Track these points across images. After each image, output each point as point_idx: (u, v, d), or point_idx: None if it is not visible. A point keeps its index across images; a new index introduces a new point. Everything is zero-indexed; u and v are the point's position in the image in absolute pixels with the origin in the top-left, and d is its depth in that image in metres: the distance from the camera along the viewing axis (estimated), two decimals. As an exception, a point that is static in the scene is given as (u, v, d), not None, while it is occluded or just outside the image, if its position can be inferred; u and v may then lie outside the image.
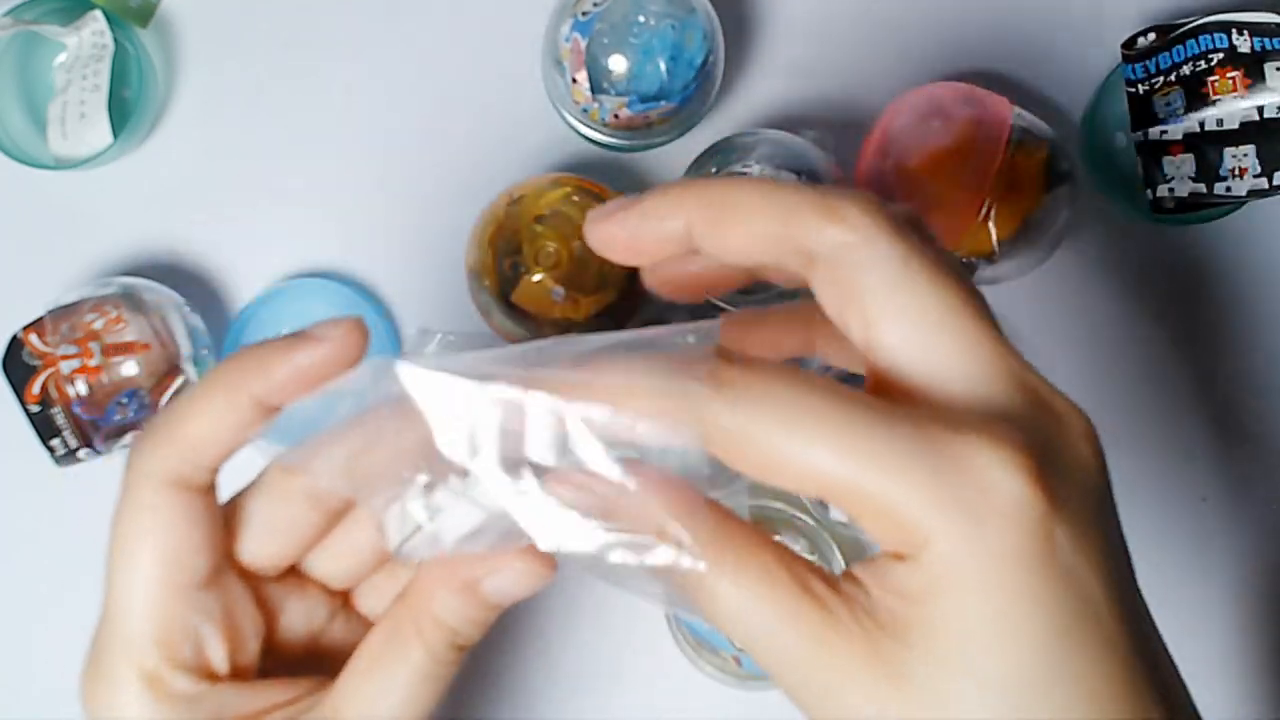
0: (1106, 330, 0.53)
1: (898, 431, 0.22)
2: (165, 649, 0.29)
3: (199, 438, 0.29)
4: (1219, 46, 0.46)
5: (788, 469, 0.23)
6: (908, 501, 0.22)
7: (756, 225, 0.25)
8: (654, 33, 0.48)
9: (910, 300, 0.24)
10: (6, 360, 0.48)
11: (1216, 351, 0.53)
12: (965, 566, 0.22)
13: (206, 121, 0.54)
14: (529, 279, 0.47)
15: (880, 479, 0.22)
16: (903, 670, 0.23)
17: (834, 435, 0.22)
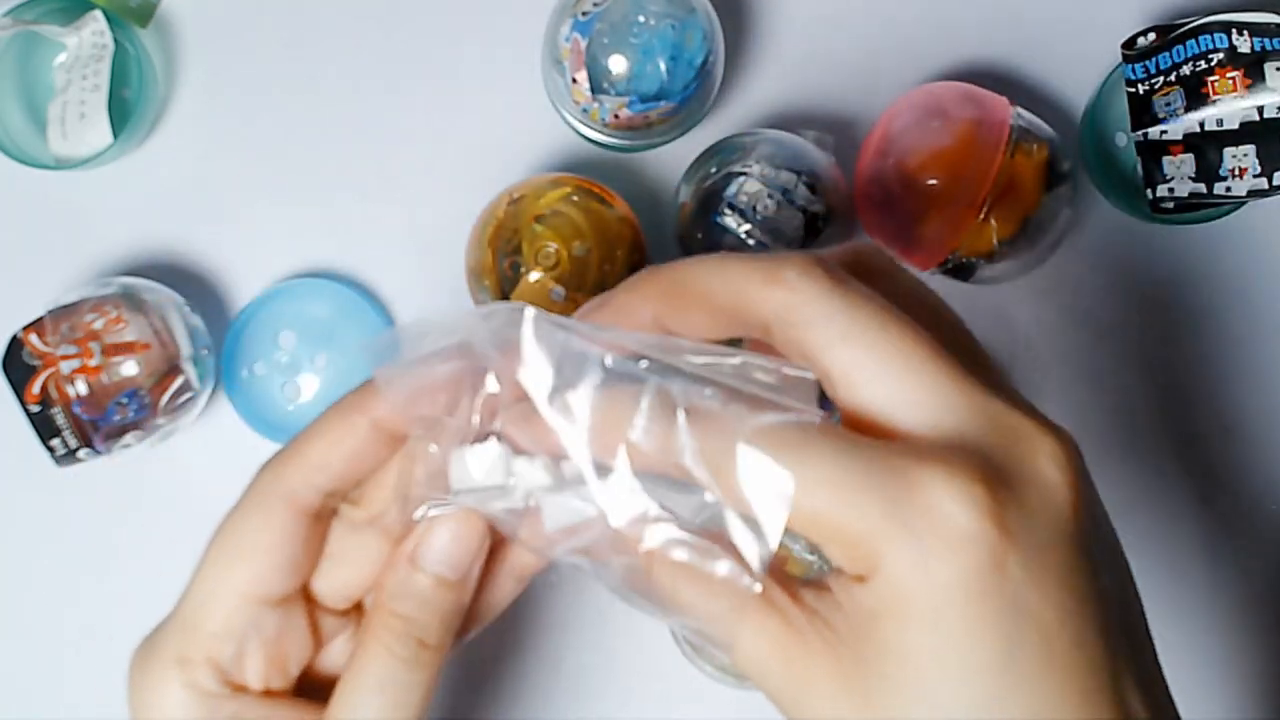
0: (1106, 330, 0.53)
1: (860, 463, 0.23)
2: (211, 646, 0.30)
3: (318, 460, 0.30)
4: (1219, 46, 0.46)
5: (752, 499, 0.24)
6: (862, 528, 0.23)
7: (712, 303, 0.27)
8: (654, 33, 0.48)
9: (859, 349, 0.25)
10: (6, 360, 0.48)
11: (1217, 351, 0.53)
12: (913, 594, 0.23)
13: (206, 121, 0.54)
14: (529, 279, 0.47)
15: (840, 508, 0.23)
16: (860, 683, 0.24)
17: (798, 469, 0.24)
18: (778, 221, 0.46)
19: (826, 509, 0.23)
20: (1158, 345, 0.53)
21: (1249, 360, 0.53)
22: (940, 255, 0.47)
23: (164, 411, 0.49)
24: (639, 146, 0.52)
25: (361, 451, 0.30)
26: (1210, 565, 0.53)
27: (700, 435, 0.25)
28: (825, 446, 0.24)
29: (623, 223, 0.49)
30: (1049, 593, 0.23)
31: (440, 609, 0.29)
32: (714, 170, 0.48)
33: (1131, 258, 0.54)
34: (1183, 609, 0.52)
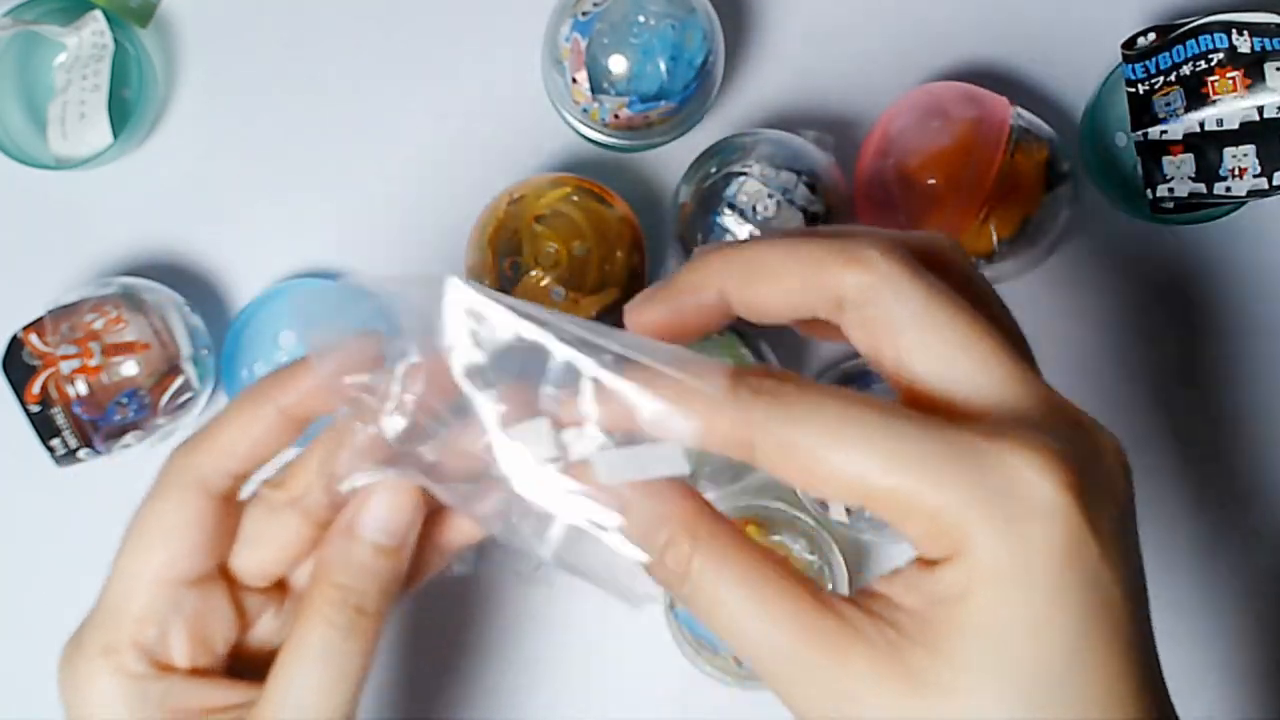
0: (1106, 330, 0.53)
1: (938, 440, 0.24)
2: (130, 629, 0.32)
3: (227, 446, 0.32)
4: (1219, 46, 0.46)
5: (832, 480, 0.25)
6: (950, 504, 0.24)
7: (785, 282, 0.27)
8: (654, 33, 0.48)
9: (934, 333, 0.26)
10: (6, 360, 0.48)
11: (1217, 351, 0.53)
12: (1003, 564, 0.23)
13: (206, 121, 0.54)
14: (529, 279, 0.47)
15: (923, 485, 0.24)
16: (925, 675, 0.24)
17: (879, 447, 0.24)
18: (778, 221, 0.46)
19: (912, 486, 0.24)
20: (1157, 345, 0.53)
21: (1249, 360, 0.53)
22: (940, 255, 0.47)
23: (164, 411, 0.49)
24: (639, 146, 0.52)
25: (268, 437, 0.32)
26: (1209, 564, 0.53)
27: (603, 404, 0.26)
28: (904, 424, 0.24)
29: (623, 223, 0.49)
30: (1117, 571, 0.24)
31: (379, 576, 0.30)
32: (714, 170, 0.48)
33: (1131, 258, 0.54)
34: (1181, 608, 0.52)
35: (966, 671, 0.23)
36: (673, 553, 0.26)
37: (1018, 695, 0.23)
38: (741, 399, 0.25)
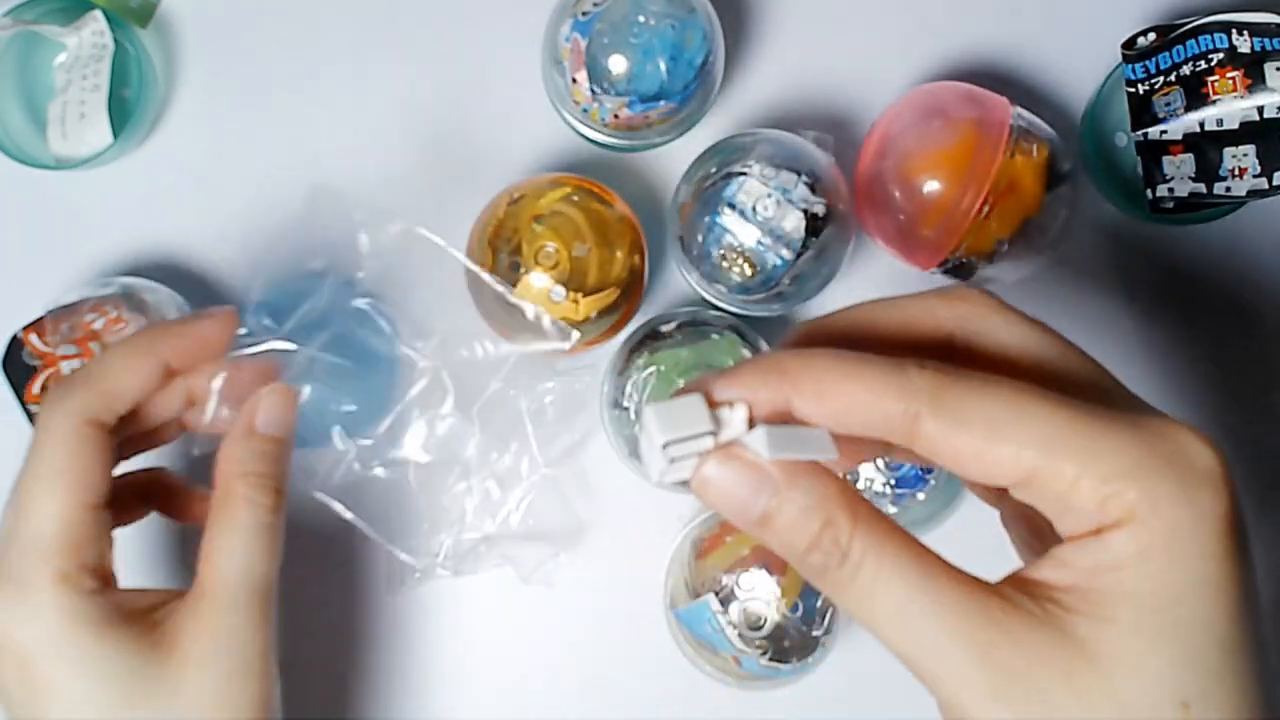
0: (1106, 330, 0.53)
1: (1106, 414, 0.25)
2: (75, 555, 0.36)
3: (115, 388, 0.37)
4: (1219, 46, 0.46)
5: (1005, 454, 0.25)
6: (1125, 469, 0.24)
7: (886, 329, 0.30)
8: (654, 33, 0.48)
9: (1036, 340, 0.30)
10: (6, 360, 0.48)
11: (1216, 351, 0.53)
12: (1180, 526, 0.24)
13: (206, 121, 0.54)
14: (529, 279, 0.47)
15: (1098, 453, 0.25)
16: (1096, 646, 0.24)
17: (1055, 419, 0.25)
18: (778, 221, 0.46)
19: (1087, 455, 0.25)
20: (1157, 345, 0.53)
21: (1249, 359, 0.53)
22: (940, 255, 0.47)
23: (164, 411, 0.49)
24: (639, 146, 0.52)
25: (149, 384, 0.38)
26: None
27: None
28: (1070, 401, 0.25)
29: (623, 223, 0.49)
30: (1249, 543, 0.26)
31: (280, 461, 0.38)
32: (714, 170, 0.48)
33: (1131, 258, 0.54)
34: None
35: (1138, 636, 0.24)
36: (831, 534, 0.25)
37: (1190, 660, 0.24)
38: (909, 373, 0.26)
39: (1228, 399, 0.53)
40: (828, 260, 0.48)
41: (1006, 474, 0.25)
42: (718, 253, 0.47)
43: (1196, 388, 0.53)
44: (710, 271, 0.48)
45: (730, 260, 0.47)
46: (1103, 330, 0.53)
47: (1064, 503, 0.25)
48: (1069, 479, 0.25)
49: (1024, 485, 0.25)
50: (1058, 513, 0.26)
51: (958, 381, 0.26)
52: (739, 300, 0.48)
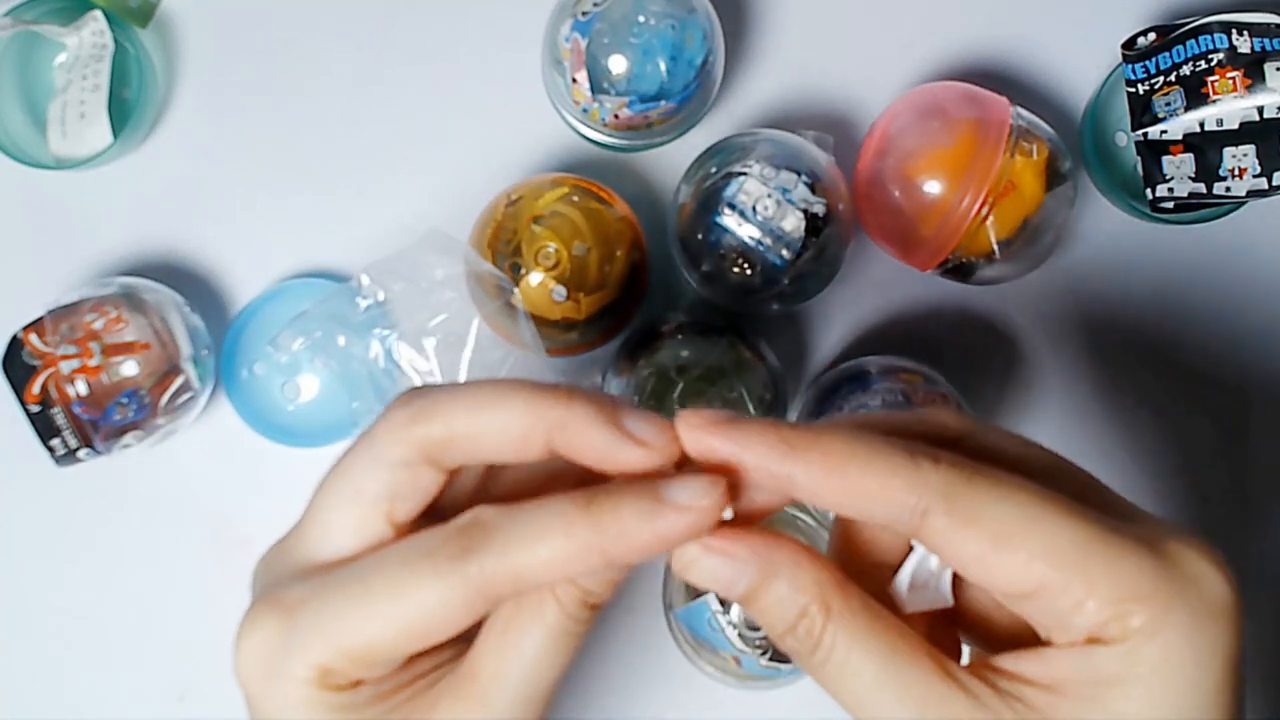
0: (1106, 330, 0.53)
1: (1121, 529, 0.25)
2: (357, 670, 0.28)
3: (529, 570, 0.26)
4: (1219, 46, 0.46)
5: (1012, 560, 0.25)
6: (1129, 589, 0.24)
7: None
8: (654, 33, 0.48)
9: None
10: (6, 360, 0.48)
11: (1216, 351, 0.53)
12: (1178, 656, 0.24)
13: (206, 121, 0.54)
14: (529, 279, 0.47)
15: (1108, 570, 0.24)
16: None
17: (1069, 529, 0.25)
18: (778, 221, 0.46)
19: (1098, 570, 0.24)
20: (1158, 345, 0.53)
21: (1249, 359, 0.53)
22: (940, 255, 0.47)
23: (164, 411, 0.49)
24: (639, 146, 0.52)
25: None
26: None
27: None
28: (1086, 512, 0.25)
29: (623, 223, 0.49)
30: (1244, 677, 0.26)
31: (616, 583, 0.28)
32: (714, 170, 0.48)
33: (1131, 258, 0.54)
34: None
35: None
36: (806, 624, 0.26)
37: None
38: (920, 465, 0.25)
39: (1228, 398, 0.53)
40: (828, 260, 0.48)
41: (1011, 583, 0.25)
42: (718, 253, 0.47)
43: (1196, 387, 0.53)
44: (710, 271, 0.48)
45: (730, 260, 0.47)
46: (1102, 330, 0.53)
47: (1063, 619, 0.25)
48: (1076, 598, 0.24)
49: (1026, 597, 0.25)
50: (1052, 624, 0.25)
51: (972, 480, 0.25)
52: (739, 300, 0.48)
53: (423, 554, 0.27)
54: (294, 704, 0.28)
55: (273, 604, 0.28)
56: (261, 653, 0.28)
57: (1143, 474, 0.53)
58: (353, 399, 0.50)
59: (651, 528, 0.25)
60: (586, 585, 0.28)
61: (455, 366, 0.48)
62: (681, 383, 0.47)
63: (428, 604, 0.26)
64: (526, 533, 0.26)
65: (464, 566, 0.26)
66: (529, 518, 0.26)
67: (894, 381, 0.48)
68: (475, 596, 0.26)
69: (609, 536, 0.26)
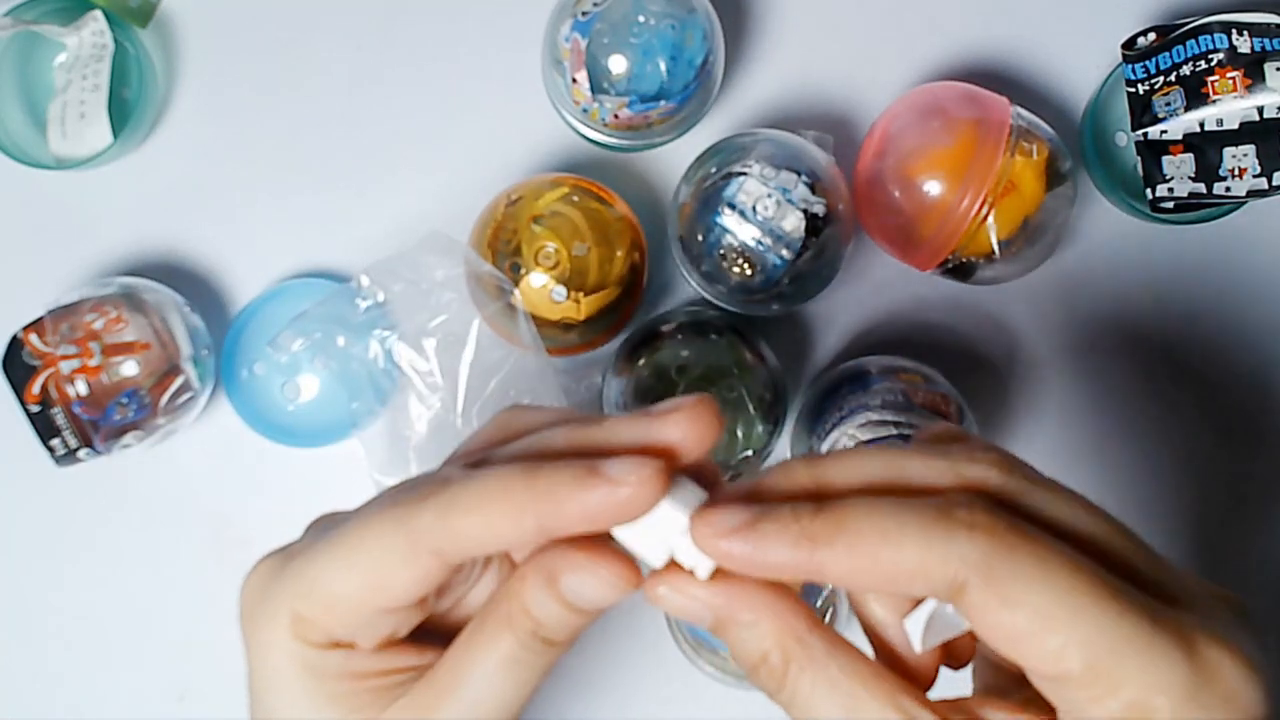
0: (1106, 330, 0.53)
1: (1155, 627, 0.24)
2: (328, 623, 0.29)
3: (468, 534, 0.26)
4: (1219, 47, 0.46)
5: (1048, 643, 0.24)
6: (1151, 683, 0.23)
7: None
8: (654, 33, 0.48)
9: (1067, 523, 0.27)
10: (6, 360, 0.48)
11: (1215, 351, 0.53)
12: None
13: (206, 121, 0.54)
14: (529, 279, 0.47)
15: (1140, 674, 0.24)
16: None
17: (1096, 633, 0.24)
18: (778, 221, 0.46)
19: (1136, 665, 0.24)
20: (1157, 345, 0.53)
21: (1249, 359, 0.53)
22: (940, 255, 0.47)
23: (164, 411, 0.49)
24: (639, 146, 0.52)
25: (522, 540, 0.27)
26: (1210, 563, 0.53)
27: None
28: (1125, 595, 0.24)
29: (623, 223, 0.49)
30: None
31: (574, 628, 0.28)
32: (714, 170, 0.48)
33: (1131, 258, 0.54)
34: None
35: None
36: (767, 668, 0.26)
37: None
38: (956, 536, 0.24)
39: (1228, 398, 0.53)
40: (828, 260, 0.48)
41: (1041, 667, 0.24)
42: (718, 253, 0.47)
43: (1196, 387, 0.53)
44: (710, 271, 0.48)
45: (730, 260, 0.47)
46: (1102, 330, 0.53)
47: (1082, 708, 0.24)
48: (1101, 692, 0.24)
49: (1054, 680, 0.25)
50: (1066, 707, 0.25)
51: (1012, 553, 0.24)
52: (739, 300, 0.48)
53: (388, 503, 0.27)
54: (272, 650, 0.29)
55: (279, 552, 0.30)
56: (252, 595, 0.29)
57: (1143, 473, 0.53)
58: (352, 400, 0.50)
59: (581, 496, 0.25)
60: (538, 615, 0.27)
61: (455, 367, 0.48)
62: (681, 383, 0.47)
63: (379, 556, 0.27)
64: (471, 493, 0.26)
65: (410, 520, 0.26)
66: (477, 479, 0.26)
67: (894, 381, 0.47)
68: (420, 552, 0.27)
69: (541, 501, 0.25)
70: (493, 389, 0.48)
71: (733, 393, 0.47)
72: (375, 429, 0.50)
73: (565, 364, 0.52)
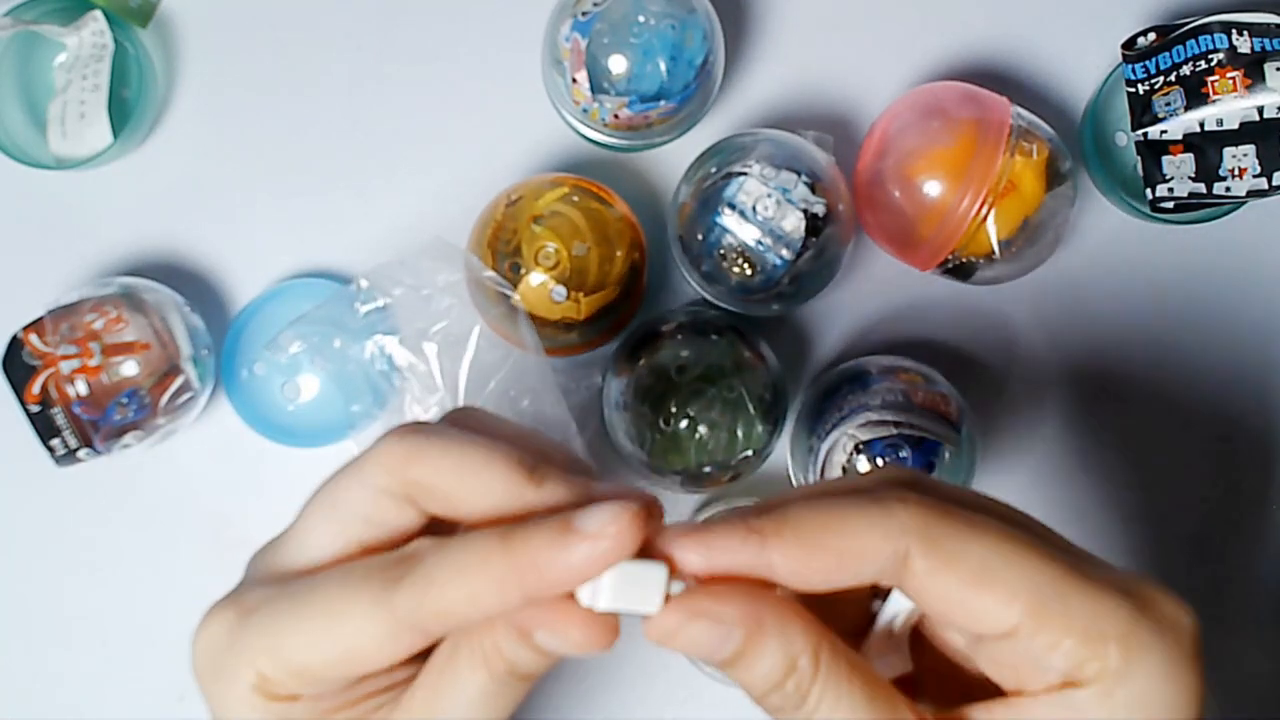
0: (1106, 330, 0.53)
1: (1095, 568, 0.25)
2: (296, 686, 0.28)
3: (450, 611, 0.26)
4: (1219, 47, 0.46)
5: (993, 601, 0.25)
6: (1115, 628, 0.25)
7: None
8: (654, 33, 0.48)
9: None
10: (6, 360, 0.48)
11: (1215, 351, 0.53)
12: (1156, 699, 0.24)
13: (206, 121, 0.54)
14: (529, 279, 0.47)
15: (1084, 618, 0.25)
16: None
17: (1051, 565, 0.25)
18: (778, 221, 0.46)
19: (1078, 608, 0.24)
20: (1158, 345, 0.53)
21: (1249, 359, 0.53)
22: (940, 255, 0.47)
23: (164, 411, 0.49)
24: (639, 146, 0.52)
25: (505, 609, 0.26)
26: (1210, 564, 0.53)
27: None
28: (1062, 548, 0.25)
29: (623, 223, 0.49)
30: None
31: (546, 666, 0.28)
32: (714, 170, 0.48)
33: (1131, 258, 0.54)
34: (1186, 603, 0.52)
35: None
36: (795, 680, 0.25)
37: None
38: (891, 509, 0.25)
39: (1228, 398, 0.53)
40: (828, 260, 0.48)
41: (992, 623, 0.25)
42: (718, 253, 0.47)
43: (1197, 387, 0.53)
44: (710, 271, 0.48)
45: (730, 260, 0.47)
46: (1102, 330, 0.53)
47: (1040, 659, 0.25)
48: (1053, 637, 0.24)
49: (1004, 637, 0.25)
50: (1026, 667, 0.25)
51: (946, 517, 0.25)
52: (739, 300, 0.48)
53: (361, 578, 0.27)
54: (236, 704, 0.28)
55: (233, 603, 0.29)
56: (211, 650, 0.28)
57: (1142, 473, 0.53)
58: (350, 403, 0.50)
59: (564, 558, 0.25)
60: (510, 657, 0.27)
61: (454, 371, 0.48)
62: (681, 383, 0.47)
63: (358, 633, 0.26)
64: (448, 567, 0.25)
65: (391, 598, 0.26)
66: (453, 552, 0.26)
67: (894, 381, 0.48)
68: (403, 630, 0.26)
69: (523, 569, 0.25)
70: (492, 389, 0.48)
71: (733, 393, 0.47)
72: (372, 431, 0.50)
73: (565, 364, 0.52)
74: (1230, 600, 0.52)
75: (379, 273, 0.48)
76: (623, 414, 0.48)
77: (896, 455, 0.45)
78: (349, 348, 0.49)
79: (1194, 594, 0.55)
